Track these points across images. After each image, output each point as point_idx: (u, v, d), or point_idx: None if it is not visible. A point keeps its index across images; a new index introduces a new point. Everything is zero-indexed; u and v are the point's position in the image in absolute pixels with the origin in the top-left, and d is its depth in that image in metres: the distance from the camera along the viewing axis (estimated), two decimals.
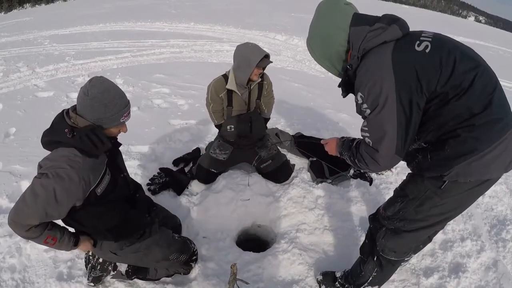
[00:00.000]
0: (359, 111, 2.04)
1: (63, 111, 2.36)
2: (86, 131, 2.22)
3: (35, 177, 2.16)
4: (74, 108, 2.33)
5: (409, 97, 1.83)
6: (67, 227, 2.48)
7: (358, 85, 1.96)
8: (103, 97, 2.24)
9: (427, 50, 1.86)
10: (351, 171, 4.45)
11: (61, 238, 2.36)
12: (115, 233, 2.64)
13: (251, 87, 3.97)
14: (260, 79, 3.96)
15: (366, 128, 2.00)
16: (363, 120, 2.05)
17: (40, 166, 2.23)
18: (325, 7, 2.11)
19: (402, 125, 1.86)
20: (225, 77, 3.95)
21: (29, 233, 2.20)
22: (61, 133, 2.22)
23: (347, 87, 2.18)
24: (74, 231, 2.56)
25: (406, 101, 1.83)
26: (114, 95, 2.31)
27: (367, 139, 2.02)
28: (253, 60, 3.63)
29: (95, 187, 2.33)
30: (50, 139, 2.26)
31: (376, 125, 1.94)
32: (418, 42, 1.89)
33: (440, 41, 1.91)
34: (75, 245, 2.48)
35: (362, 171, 4.43)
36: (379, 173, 4.45)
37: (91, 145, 2.22)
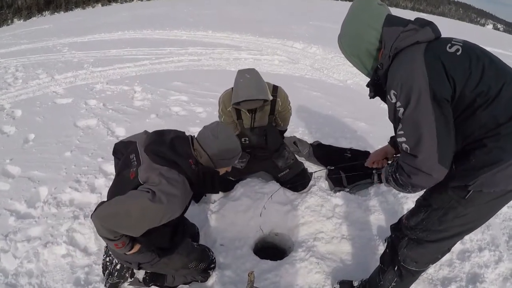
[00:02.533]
0: (393, 114, 1.98)
1: (188, 137, 2.58)
2: (208, 172, 2.46)
3: (145, 191, 2.22)
4: (197, 141, 2.55)
5: (440, 92, 1.80)
6: None
7: (391, 83, 1.94)
8: (230, 142, 2.61)
9: (458, 53, 1.86)
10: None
11: (128, 243, 2.43)
12: (161, 250, 2.74)
13: (255, 112, 3.92)
14: (271, 97, 3.86)
15: (402, 132, 1.92)
16: (396, 128, 1.99)
17: (148, 178, 2.30)
18: (358, 5, 2.12)
19: (440, 122, 1.80)
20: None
21: (113, 237, 2.30)
22: (185, 161, 2.38)
23: (375, 87, 2.18)
24: None
25: (439, 96, 1.80)
26: (236, 142, 2.69)
27: (404, 145, 1.93)
28: (235, 97, 3.65)
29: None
30: (169, 157, 2.37)
31: (411, 124, 1.87)
32: (449, 45, 1.91)
33: (470, 48, 1.92)
34: (130, 250, 2.53)
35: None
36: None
37: (203, 183, 2.44)
